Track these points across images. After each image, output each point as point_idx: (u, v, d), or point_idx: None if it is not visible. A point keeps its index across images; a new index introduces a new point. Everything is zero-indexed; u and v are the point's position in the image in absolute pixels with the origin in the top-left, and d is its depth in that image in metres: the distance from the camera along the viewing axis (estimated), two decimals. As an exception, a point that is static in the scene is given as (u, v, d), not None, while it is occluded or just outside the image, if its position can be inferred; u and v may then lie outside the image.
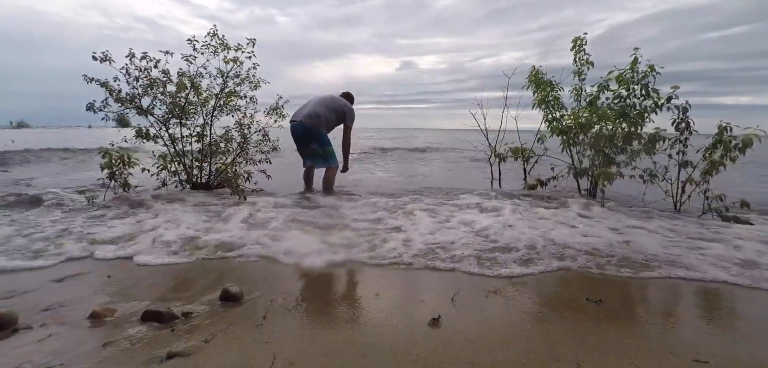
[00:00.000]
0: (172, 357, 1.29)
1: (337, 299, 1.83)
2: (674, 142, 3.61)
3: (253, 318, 1.58)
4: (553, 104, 4.29)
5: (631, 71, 3.70)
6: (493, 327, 1.52)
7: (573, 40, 4.18)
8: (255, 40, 4.08)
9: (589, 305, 1.73)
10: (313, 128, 4.10)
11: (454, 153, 11.49)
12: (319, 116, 4.15)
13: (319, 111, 4.18)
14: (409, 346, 1.38)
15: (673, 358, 1.33)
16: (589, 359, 1.31)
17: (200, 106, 4.18)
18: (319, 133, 4.12)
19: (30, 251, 2.35)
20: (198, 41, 3.94)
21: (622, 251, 2.44)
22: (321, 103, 4.26)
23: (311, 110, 4.17)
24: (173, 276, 2.06)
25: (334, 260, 2.26)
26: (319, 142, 4.14)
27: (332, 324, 1.54)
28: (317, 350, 1.35)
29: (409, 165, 8.69)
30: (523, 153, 4.66)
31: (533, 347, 1.38)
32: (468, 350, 1.36)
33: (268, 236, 2.67)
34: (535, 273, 2.10)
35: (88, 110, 3.77)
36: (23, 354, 1.32)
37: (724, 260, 2.28)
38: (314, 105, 4.22)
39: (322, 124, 4.16)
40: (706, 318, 1.67)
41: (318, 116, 4.15)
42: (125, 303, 1.69)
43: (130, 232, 2.75)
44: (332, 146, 4.26)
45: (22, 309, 1.60)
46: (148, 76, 3.89)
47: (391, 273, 2.12)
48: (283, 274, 2.11)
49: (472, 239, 2.62)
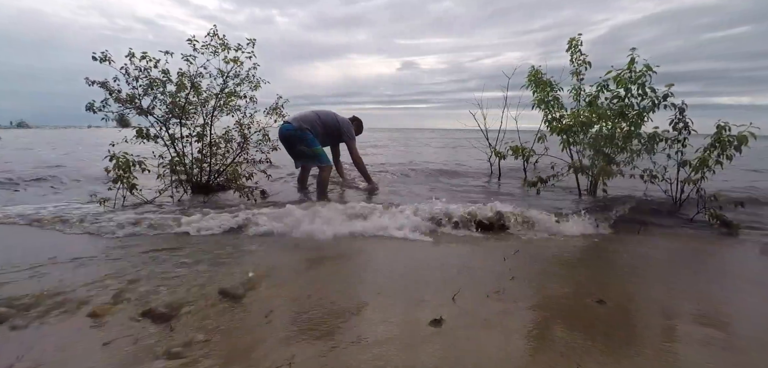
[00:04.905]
0: (172, 357, 1.29)
1: (338, 292, 1.83)
2: (673, 141, 3.63)
3: (253, 316, 1.58)
4: (552, 104, 4.30)
5: (628, 71, 3.71)
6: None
7: (568, 41, 4.21)
8: (255, 41, 4.08)
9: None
10: (298, 129, 4.12)
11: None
12: (304, 118, 4.18)
13: (308, 117, 4.22)
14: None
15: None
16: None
17: (200, 106, 4.18)
18: (304, 135, 4.12)
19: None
20: (198, 41, 3.94)
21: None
22: (313, 113, 4.31)
23: (297, 115, 4.22)
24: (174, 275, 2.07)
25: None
26: (306, 143, 4.14)
27: (331, 320, 1.55)
28: (317, 348, 1.36)
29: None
30: (523, 152, 4.66)
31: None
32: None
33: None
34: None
35: (87, 109, 3.77)
36: (22, 352, 1.32)
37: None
38: (304, 112, 4.29)
39: (308, 129, 4.17)
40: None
41: (303, 119, 4.17)
42: (125, 301, 1.69)
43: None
44: (321, 147, 4.26)
45: (21, 307, 1.61)
46: (148, 76, 3.88)
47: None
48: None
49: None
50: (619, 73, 3.77)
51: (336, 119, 4.36)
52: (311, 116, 4.23)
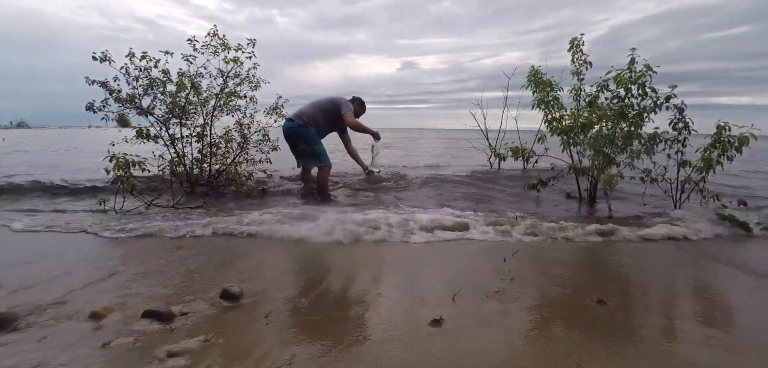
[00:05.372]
0: (172, 357, 1.29)
1: (338, 293, 1.83)
2: (673, 142, 3.63)
3: (253, 316, 1.58)
4: (552, 105, 4.29)
5: (628, 71, 3.70)
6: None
7: (570, 41, 4.20)
8: (255, 41, 4.08)
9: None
10: (299, 127, 4.08)
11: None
12: (306, 115, 4.15)
13: (307, 110, 4.18)
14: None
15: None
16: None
17: (200, 106, 4.18)
18: (305, 132, 4.09)
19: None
20: (198, 41, 3.94)
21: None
22: (310, 105, 4.27)
23: (298, 110, 4.19)
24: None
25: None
26: (307, 141, 4.12)
27: (331, 320, 1.55)
28: (317, 348, 1.36)
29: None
30: (523, 153, 4.66)
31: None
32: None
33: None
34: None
35: (87, 109, 3.77)
36: (23, 354, 1.32)
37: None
38: (303, 106, 4.24)
39: (310, 123, 4.13)
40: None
41: (305, 116, 4.14)
42: (125, 303, 1.69)
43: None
44: (322, 145, 4.23)
45: (22, 308, 1.60)
46: (148, 76, 3.88)
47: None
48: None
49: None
50: (619, 73, 3.76)
51: (332, 101, 4.28)
52: (310, 110, 4.20)
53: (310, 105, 4.25)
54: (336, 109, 4.27)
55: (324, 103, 4.31)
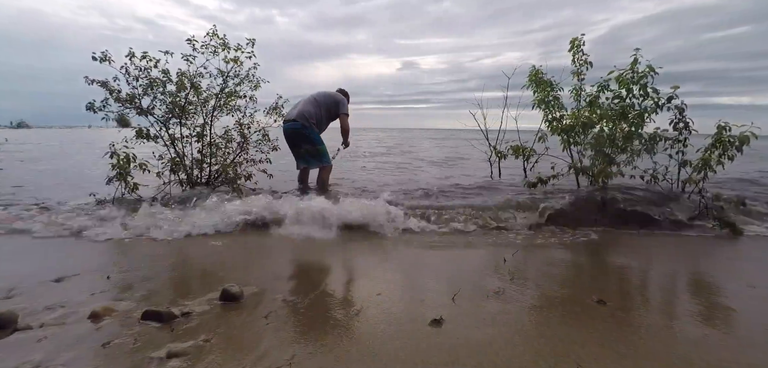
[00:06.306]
0: (172, 357, 1.29)
1: (338, 292, 1.83)
2: (674, 142, 3.63)
3: (253, 316, 1.58)
4: (552, 104, 4.29)
5: (630, 72, 3.70)
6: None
7: (571, 41, 4.20)
8: (255, 41, 4.08)
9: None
10: (304, 128, 4.09)
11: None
12: (310, 115, 4.15)
13: (311, 110, 4.18)
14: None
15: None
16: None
17: (200, 106, 4.17)
18: (310, 134, 4.11)
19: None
20: (198, 41, 3.94)
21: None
22: (311, 102, 4.26)
23: (302, 110, 4.17)
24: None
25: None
26: (311, 142, 4.13)
27: (331, 320, 1.55)
28: (317, 347, 1.36)
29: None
30: (524, 152, 4.65)
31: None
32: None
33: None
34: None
35: (87, 109, 3.76)
36: (23, 354, 1.32)
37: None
38: (304, 104, 4.23)
39: (314, 123, 4.15)
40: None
41: (309, 116, 4.14)
42: (125, 303, 1.69)
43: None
44: (325, 145, 4.25)
45: (22, 308, 1.60)
46: (148, 76, 3.88)
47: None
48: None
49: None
50: (621, 73, 3.76)
51: (334, 98, 4.35)
52: (311, 108, 4.21)
53: (312, 103, 4.25)
54: (337, 105, 4.31)
55: (325, 99, 4.33)
